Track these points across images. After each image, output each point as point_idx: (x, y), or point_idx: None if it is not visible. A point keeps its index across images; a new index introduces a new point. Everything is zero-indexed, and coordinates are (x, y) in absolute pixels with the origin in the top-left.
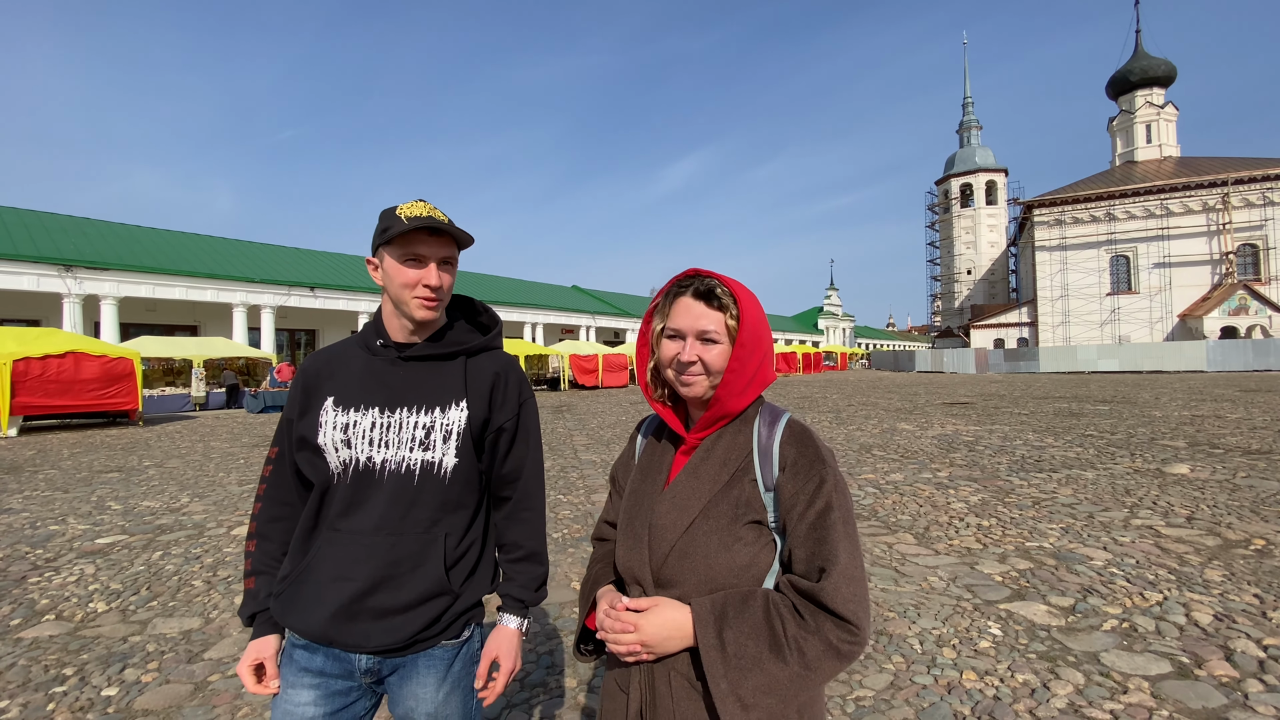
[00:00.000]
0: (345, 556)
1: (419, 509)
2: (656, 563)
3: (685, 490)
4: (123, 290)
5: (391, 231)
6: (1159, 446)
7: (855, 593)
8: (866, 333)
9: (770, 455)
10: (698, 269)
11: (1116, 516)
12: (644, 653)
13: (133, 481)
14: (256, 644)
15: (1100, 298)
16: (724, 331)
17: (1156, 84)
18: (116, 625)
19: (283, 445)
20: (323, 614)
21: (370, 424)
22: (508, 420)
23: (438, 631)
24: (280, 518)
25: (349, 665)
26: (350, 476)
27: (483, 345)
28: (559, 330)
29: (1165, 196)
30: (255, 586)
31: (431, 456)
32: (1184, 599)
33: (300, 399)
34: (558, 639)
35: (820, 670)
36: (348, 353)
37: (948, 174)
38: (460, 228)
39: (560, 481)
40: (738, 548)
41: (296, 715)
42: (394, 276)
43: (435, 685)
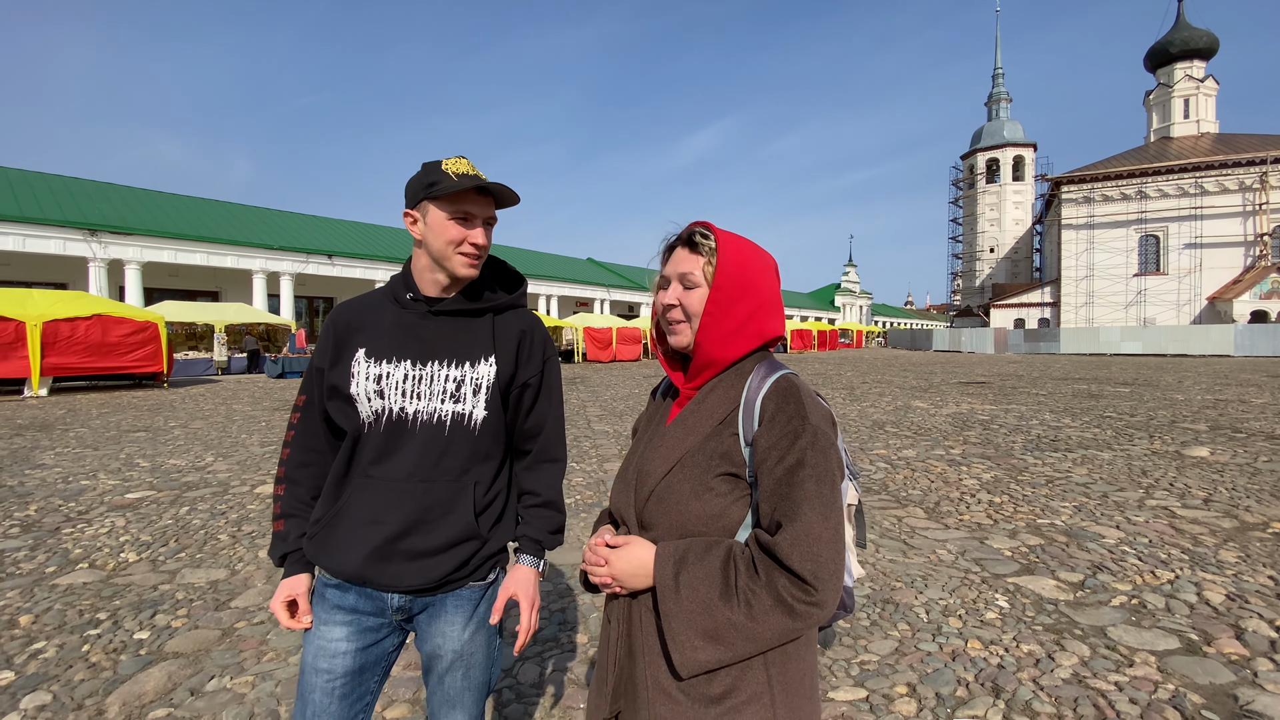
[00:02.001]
0: (379, 501)
1: (450, 458)
2: (639, 505)
3: (671, 439)
4: (146, 255)
5: (443, 188)
6: (1179, 429)
7: (816, 552)
8: (884, 311)
9: (753, 409)
10: (697, 222)
11: (1131, 496)
12: (615, 585)
13: (159, 441)
14: (289, 582)
15: (1126, 278)
16: (702, 275)
17: (1197, 56)
18: (147, 574)
19: (312, 393)
20: (358, 555)
21: (403, 376)
22: (532, 376)
23: (467, 574)
24: (309, 463)
25: (381, 603)
26: (384, 425)
27: (510, 303)
28: (574, 303)
29: (1200, 175)
30: (285, 529)
31: (462, 409)
32: (1196, 578)
33: (331, 349)
34: (570, 597)
35: (767, 624)
36: (377, 305)
37: (974, 148)
38: (509, 188)
39: (574, 450)
40: (708, 497)
41: (329, 650)
42: (440, 232)
43: (462, 624)
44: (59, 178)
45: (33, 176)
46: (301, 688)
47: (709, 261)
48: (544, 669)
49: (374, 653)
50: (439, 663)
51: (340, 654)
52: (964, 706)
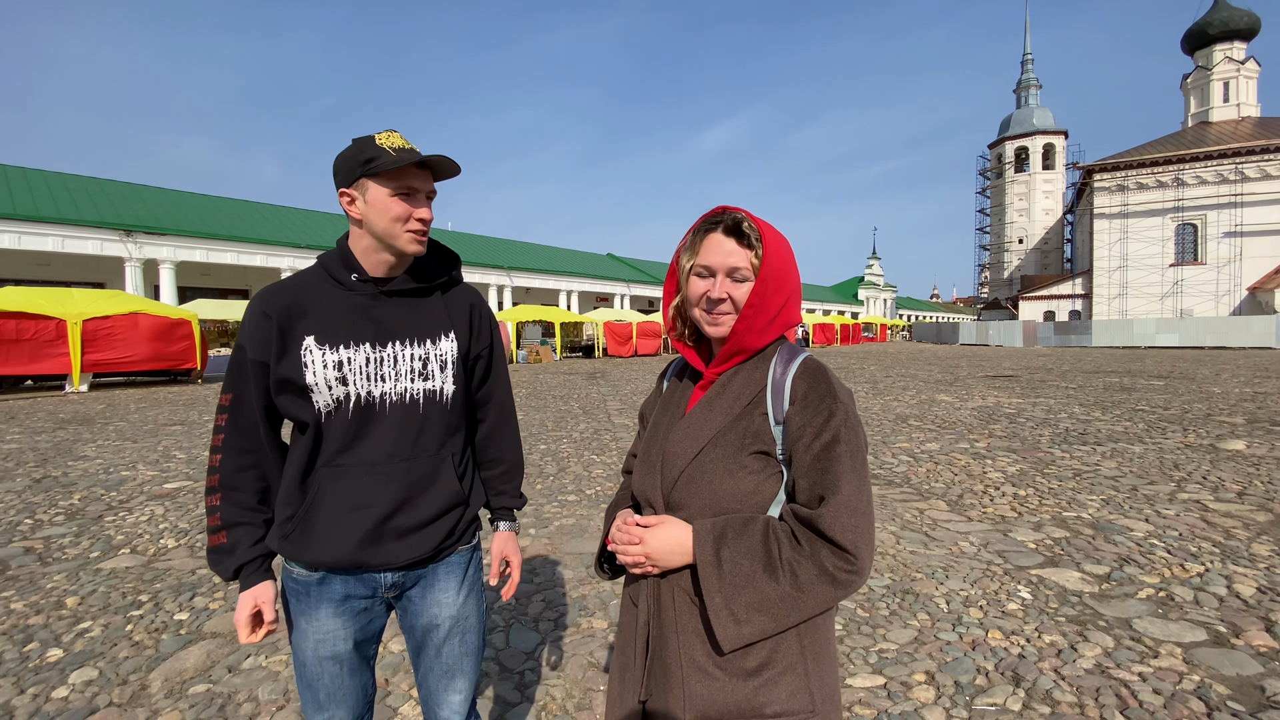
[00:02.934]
0: (359, 487)
1: (427, 434)
2: (667, 487)
3: (698, 421)
4: (179, 255)
5: (381, 163)
6: (1214, 422)
7: (855, 523)
8: (909, 304)
9: (782, 390)
10: (725, 206)
11: (1162, 490)
12: (648, 564)
13: (194, 434)
14: (252, 593)
15: (1162, 269)
16: (750, 269)
17: (1237, 37)
18: (185, 559)
19: (242, 390)
20: (348, 542)
21: (364, 360)
22: (484, 348)
23: (455, 539)
24: (247, 466)
25: (373, 584)
26: (350, 412)
27: (454, 280)
28: (594, 298)
29: (1241, 160)
30: (231, 540)
31: (433, 385)
32: (1227, 571)
33: (276, 340)
34: (590, 585)
35: (813, 593)
36: (314, 288)
37: (1002, 136)
38: (449, 158)
39: (594, 443)
40: (742, 475)
41: (330, 640)
42: (383, 211)
43: (456, 590)
44: (95, 180)
45: (70, 179)
46: (306, 677)
47: (756, 255)
48: (564, 651)
49: (370, 629)
50: (436, 633)
51: (341, 640)
52: (983, 695)
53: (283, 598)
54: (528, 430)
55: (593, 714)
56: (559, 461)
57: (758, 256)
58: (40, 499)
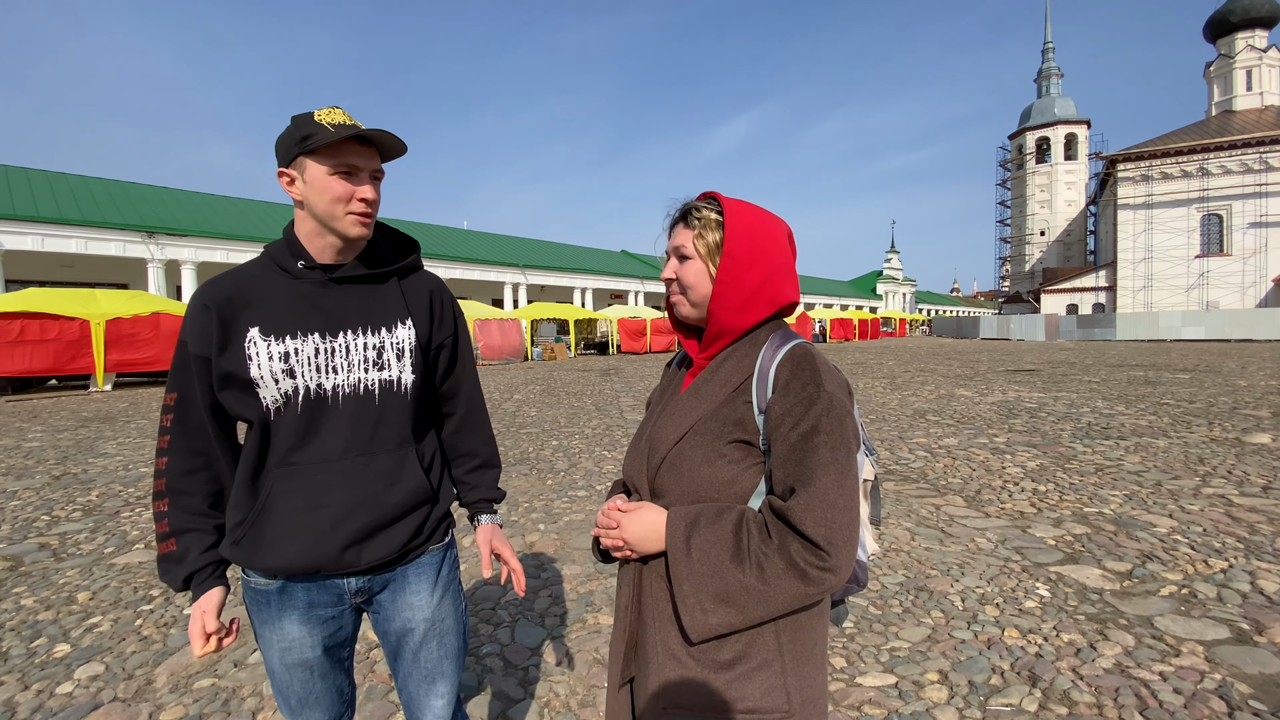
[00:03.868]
0: (314, 486)
1: (385, 427)
2: (651, 472)
3: (683, 407)
4: (200, 256)
5: (318, 139)
6: (1240, 416)
7: (829, 517)
8: (928, 298)
9: (767, 377)
10: (706, 192)
11: (1186, 485)
12: (626, 549)
13: None
14: (203, 602)
15: (1187, 260)
16: (693, 248)
17: (1260, 25)
18: None
19: (187, 389)
20: (303, 545)
21: (313, 350)
22: (447, 337)
23: (425, 538)
24: (195, 469)
25: (338, 590)
26: (300, 407)
27: (412, 265)
28: (608, 295)
29: (1265, 150)
30: (180, 547)
31: (389, 375)
32: (1251, 567)
33: (217, 333)
34: (598, 580)
35: (780, 587)
36: (258, 277)
37: (1023, 127)
38: (392, 134)
39: (606, 439)
40: (720, 464)
41: (295, 648)
42: (323, 190)
43: (429, 591)
44: (118, 183)
45: (93, 182)
46: (277, 684)
47: (699, 235)
48: (570, 648)
49: (339, 636)
50: (410, 638)
51: (309, 647)
52: (998, 695)
53: (246, 606)
54: (540, 426)
55: (596, 711)
56: (570, 457)
57: (702, 236)
58: (58, 495)
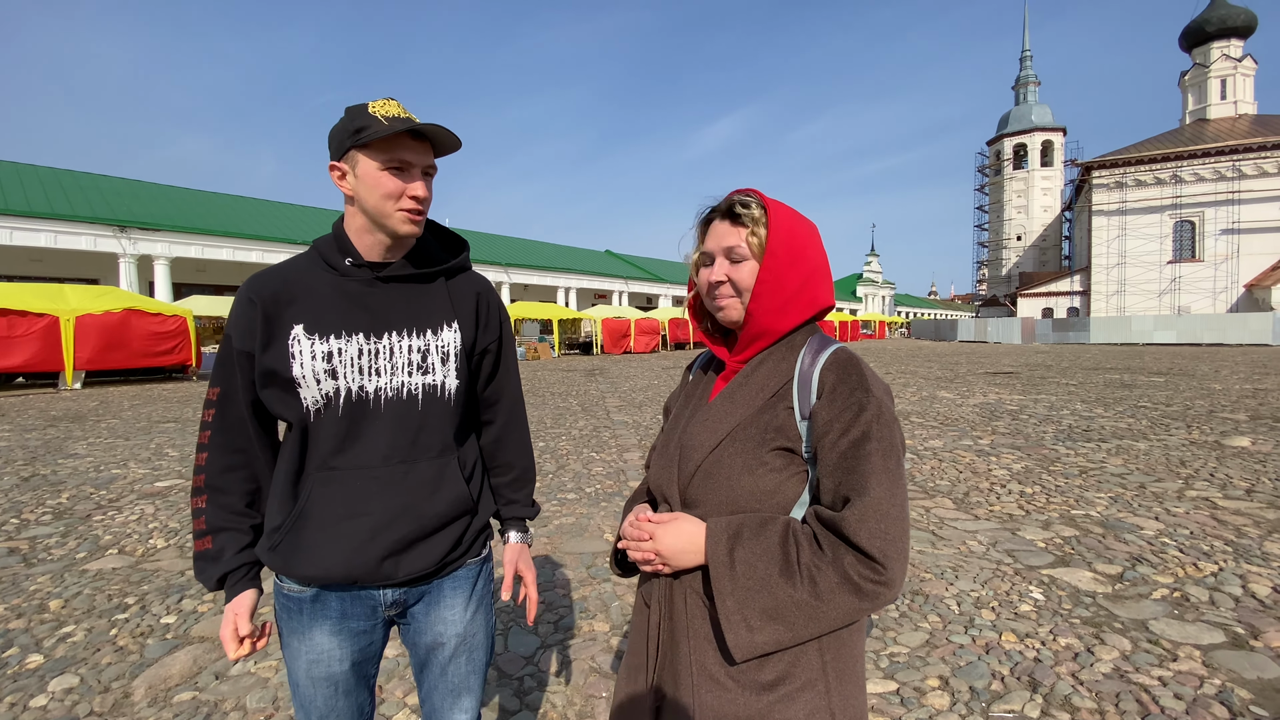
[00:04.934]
0: (353, 493)
1: (428, 433)
2: (683, 481)
3: (718, 412)
4: (174, 251)
5: (370, 133)
6: (1218, 419)
7: (884, 529)
8: (907, 301)
9: (809, 382)
10: (738, 189)
11: (1170, 487)
12: (659, 562)
13: (188, 431)
14: (236, 604)
15: (1160, 266)
16: (748, 248)
17: (1234, 35)
18: (175, 560)
19: (229, 384)
20: (341, 555)
21: (357, 351)
22: (492, 342)
23: (463, 551)
24: (235, 466)
25: (372, 602)
26: (341, 409)
27: (460, 265)
28: (592, 295)
29: (1238, 158)
30: (216, 546)
31: (433, 380)
32: (1240, 570)
33: (261, 328)
34: (591, 585)
35: (833, 603)
36: (305, 273)
37: (1000, 133)
38: (447, 128)
39: (593, 440)
40: (762, 472)
41: (324, 661)
42: (373, 186)
43: (463, 606)
44: (89, 175)
45: (63, 175)
46: (299, 698)
47: (753, 232)
48: (565, 656)
49: (369, 651)
50: (440, 652)
51: (337, 660)
52: (999, 700)
53: (275, 612)
54: None
55: None
56: (558, 459)
57: (755, 233)
58: (28, 498)
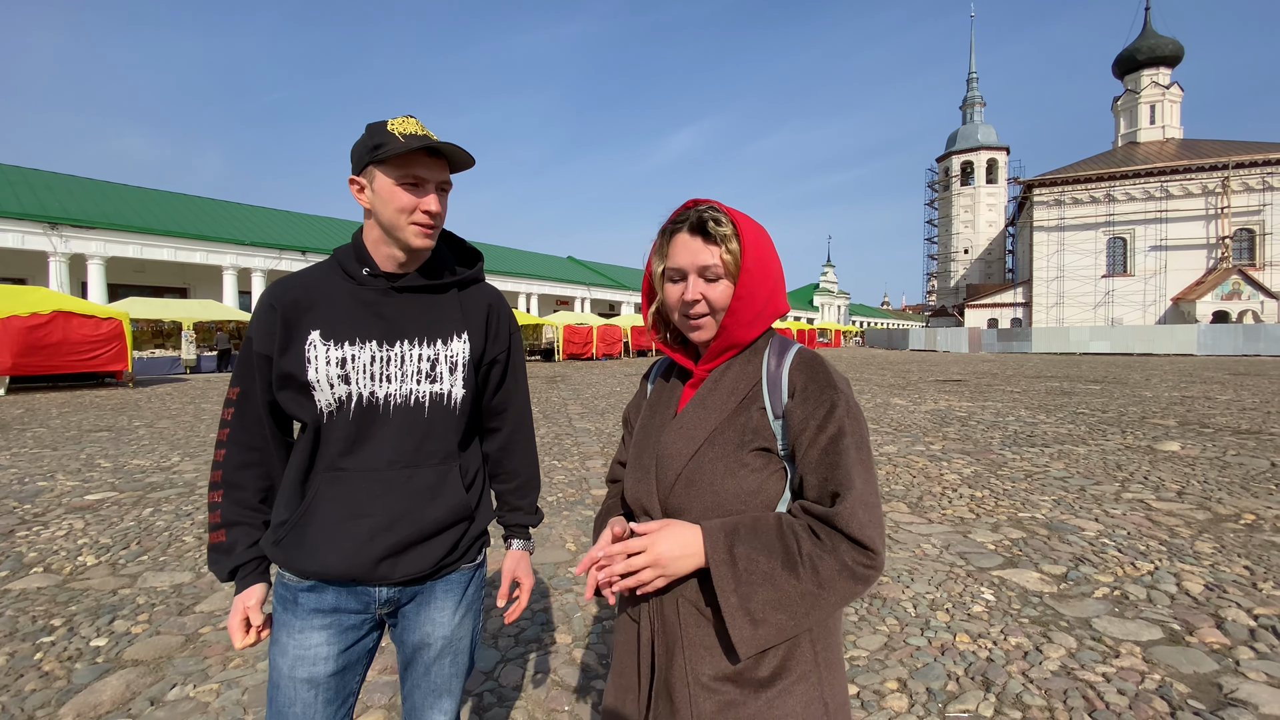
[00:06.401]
0: (357, 494)
1: (432, 440)
2: (664, 491)
3: (692, 420)
4: (110, 250)
5: (387, 150)
6: (1150, 425)
7: (872, 519)
8: (861, 311)
9: (779, 383)
10: (694, 199)
11: (1108, 490)
12: (657, 574)
13: (122, 440)
14: (245, 596)
15: (1095, 279)
16: (722, 266)
17: (1163, 64)
18: (106, 578)
19: (250, 385)
20: (342, 553)
21: (370, 358)
22: (500, 352)
23: (458, 556)
24: (250, 463)
25: (367, 598)
26: (352, 413)
27: (472, 277)
28: (554, 301)
29: (1166, 179)
30: (229, 539)
31: (440, 388)
32: (1175, 569)
33: (280, 333)
34: (553, 596)
35: (834, 590)
36: (324, 281)
37: (949, 151)
38: (461, 147)
39: (555, 448)
40: (744, 474)
41: (309, 658)
42: (389, 200)
43: (453, 609)
44: (17, 169)
45: None
46: (278, 701)
47: (727, 250)
48: (525, 670)
49: (356, 652)
50: (426, 652)
51: (322, 660)
52: (955, 701)
53: (273, 603)
54: None
55: None
56: None
57: (729, 251)
58: None
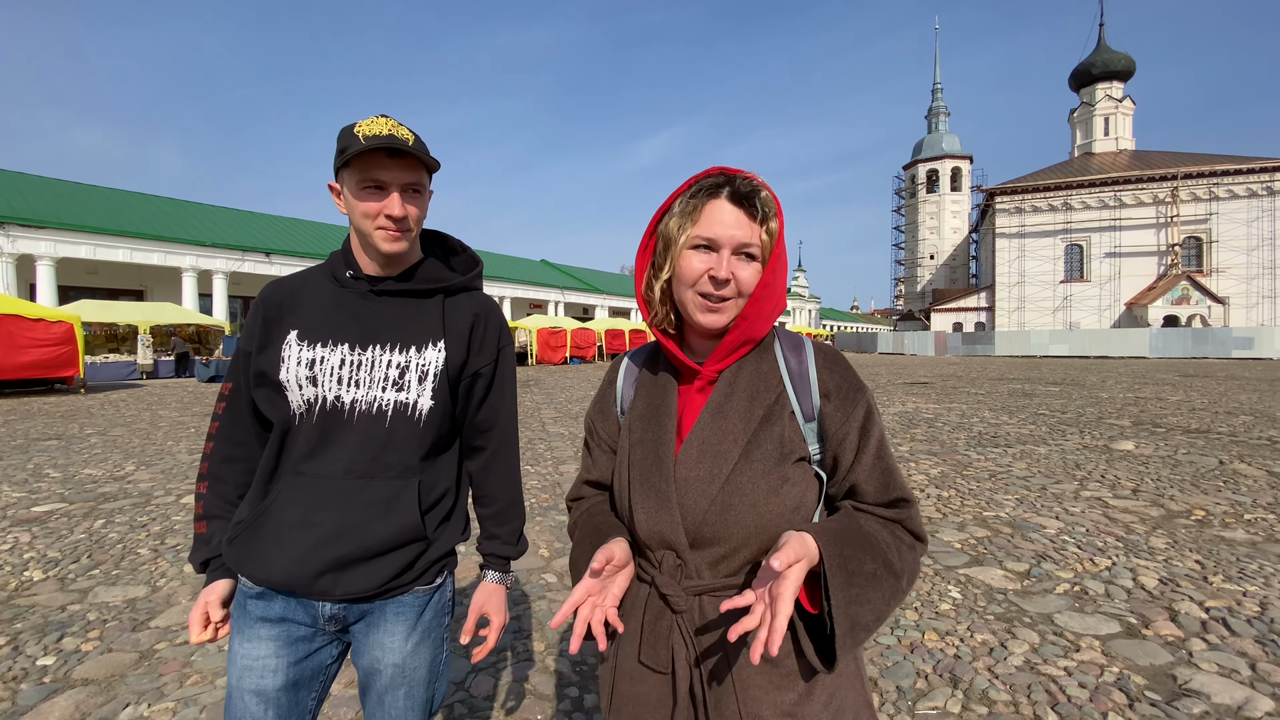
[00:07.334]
0: (310, 501)
1: (391, 452)
2: (693, 521)
3: (714, 433)
4: (60, 250)
5: (348, 153)
6: (1106, 425)
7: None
8: (831, 314)
9: (807, 382)
10: (724, 168)
11: (1067, 488)
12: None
13: (73, 449)
14: (208, 590)
15: (1054, 285)
16: (759, 247)
17: (1116, 78)
18: (54, 594)
19: (239, 380)
20: (284, 561)
21: (339, 360)
22: (485, 365)
23: (411, 579)
24: (235, 458)
25: (313, 611)
26: (316, 416)
27: (463, 285)
28: (527, 304)
29: (1119, 188)
30: (208, 531)
31: (406, 397)
32: (1131, 564)
33: (260, 331)
34: (526, 604)
35: (911, 586)
36: (313, 283)
37: (915, 159)
38: (424, 150)
39: (528, 453)
40: (786, 489)
41: (257, 669)
42: (354, 206)
43: (404, 635)
44: None
45: None
46: (230, 714)
47: (766, 230)
48: (498, 679)
49: (309, 666)
50: (378, 679)
51: (270, 671)
52: (924, 699)
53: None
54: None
55: None
56: None
57: (769, 231)
58: None
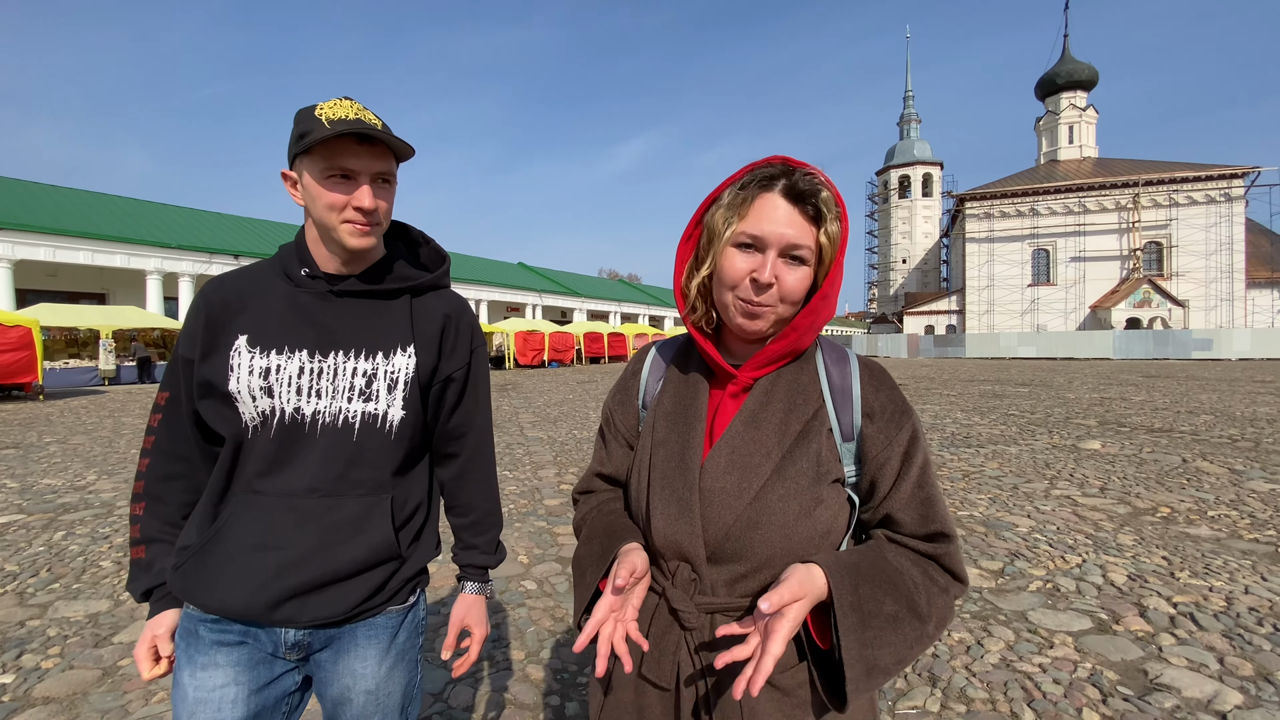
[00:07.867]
0: (271, 522)
1: (360, 467)
2: (715, 536)
3: (747, 443)
4: (17, 252)
5: (310, 139)
6: (1073, 425)
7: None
8: None
9: (850, 399)
10: (787, 158)
11: (1038, 487)
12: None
13: (31, 459)
14: (155, 622)
15: (1022, 288)
16: (811, 251)
17: (1080, 87)
18: (12, 609)
19: (177, 390)
20: (243, 589)
21: (298, 369)
22: (458, 369)
23: (383, 599)
24: (176, 475)
25: (273, 639)
26: (274, 430)
27: (431, 283)
28: (504, 307)
29: (1083, 195)
30: (147, 556)
31: (375, 408)
32: (1100, 561)
33: (203, 335)
34: (504, 611)
35: (942, 630)
36: (262, 281)
37: (887, 165)
38: (397, 136)
39: (506, 458)
40: (819, 511)
41: (213, 701)
42: (316, 196)
43: (377, 659)
44: None
45: None
46: None
47: (824, 232)
48: (477, 690)
49: (271, 694)
50: (348, 709)
51: (229, 703)
52: (904, 698)
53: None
54: None
55: None
56: None
57: (828, 234)
58: None
